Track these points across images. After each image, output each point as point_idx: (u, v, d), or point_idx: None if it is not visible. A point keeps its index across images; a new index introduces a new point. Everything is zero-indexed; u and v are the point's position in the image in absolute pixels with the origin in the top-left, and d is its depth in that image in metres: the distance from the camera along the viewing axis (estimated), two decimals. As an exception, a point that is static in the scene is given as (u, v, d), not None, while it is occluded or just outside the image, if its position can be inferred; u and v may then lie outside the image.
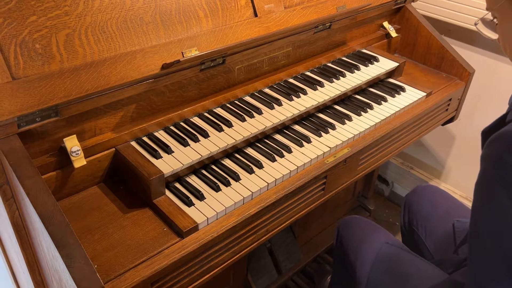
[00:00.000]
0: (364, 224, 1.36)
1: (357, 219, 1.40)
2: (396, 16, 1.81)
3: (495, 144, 0.71)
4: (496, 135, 0.71)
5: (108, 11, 1.03)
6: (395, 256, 1.20)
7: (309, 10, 1.40)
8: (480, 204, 0.76)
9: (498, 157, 0.70)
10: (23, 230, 1.02)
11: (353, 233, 1.33)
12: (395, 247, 1.23)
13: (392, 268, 1.17)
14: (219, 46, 1.19)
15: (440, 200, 1.42)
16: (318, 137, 1.27)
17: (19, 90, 0.89)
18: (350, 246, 1.30)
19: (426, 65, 1.79)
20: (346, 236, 1.34)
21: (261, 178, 1.10)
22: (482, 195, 0.75)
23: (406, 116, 1.43)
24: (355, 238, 1.31)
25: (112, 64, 1.01)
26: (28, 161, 0.88)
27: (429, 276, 1.12)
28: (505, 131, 0.70)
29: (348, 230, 1.36)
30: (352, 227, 1.36)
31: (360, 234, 1.31)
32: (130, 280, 0.86)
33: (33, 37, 0.93)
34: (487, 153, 0.73)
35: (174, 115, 1.19)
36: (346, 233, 1.35)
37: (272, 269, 1.66)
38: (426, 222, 1.38)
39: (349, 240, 1.32)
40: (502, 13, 0.79)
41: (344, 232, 1.36)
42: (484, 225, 0.75)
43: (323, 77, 1.47)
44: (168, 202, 1.02)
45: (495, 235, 0.73)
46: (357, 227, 1.35)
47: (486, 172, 0.73)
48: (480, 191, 0.76)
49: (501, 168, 0.70)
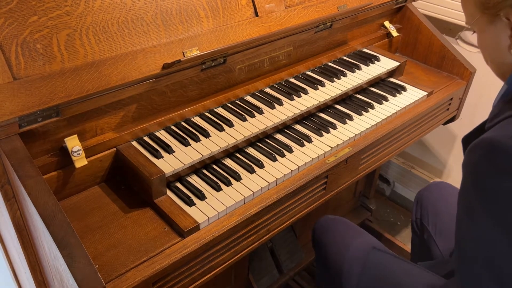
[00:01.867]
0: (342, 226, 1.28)
1: (333, 221, 1.32)
2: (397, 15, 1.81)
3: (473, 152, 0.71)
4: (474, 144, 0.71)
5: (109, 11, 1.03)
6: (384, 263, 1.14)
7: (310, 10, 1.40)
8: (461, 211, 0.76)
9: (474, 166, 0.70)
10: (25, 230, 1.02)
11: (331, 239, 1.25)
12: (382, 252, 1.17)
13: (382, 277, 1.11)
14: (220, 45, 1.19)
15: (453, 197, 1.40)
16: (319, 137, 1.27)
17: (20, 90, 0.89)
18: (330, 253, 1.22)
19: (427, 64, 1.79)
20: (324, 242, 1.26)
21: (262, 178, 1.10)
22: (463, 203, 0.75)
23: (407, 115, 1.43)
24: (334, 246, 1.22)
25: (113, 64, 1.01)
26: (29, 161, 0.88)
27: (424, 282, 1.07)
28: (482, 139, 0.70)
29: (326, 235, 1.28)
30: (329, 231, 1.28)
31: (340, 239, 1.23)
32: (131, 279, 0.86)
33: (34, 37, 0.93)
34: (465, 161, 0.73)
35: (175, 115, 1.19)
36: (324, 239, 1.27)
37: (273, 269, 1.65)
38: (437, 219, 1.35)
39: (328, 247, 1.24)
40: (479, 27, 0.81)
41: (321, 237, 1.28)
42: (465, 233, 0.75)
43: (324, 77, 1.47)
44: (169, 202, 1.02)
45: (476, 243, 0.73)
46: (335, 231, 1.27)
47: (465, 181, 0.74)
48: (461, 199, 0.76)
49: (477, 176, 0.70)
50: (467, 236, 0.75)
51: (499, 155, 0.66)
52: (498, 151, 0.67)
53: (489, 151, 0.68)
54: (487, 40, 0.82)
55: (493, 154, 0.67)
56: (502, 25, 0.76)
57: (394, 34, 1.76)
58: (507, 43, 0.77)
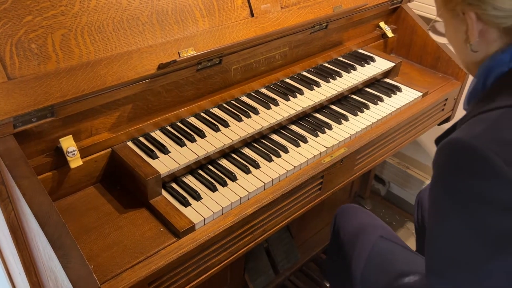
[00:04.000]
0: (361, 214, 1.33)
1: (355, 208, 1.37)
2: (393, 16, 1.82)
3: (440, 152, 0.72)
4: (441, 144, 0.72)
5: (104, 11, 1.03)
6: (388, 252, 1.16)
7: (305, 10, 1.40)
8: (430, 206, 0.77)
9: (441, 165, 0.72)
10: (19, 231, 1.01)
11: (349, 224, 1.30)
12: (389, 241, 1.19)
13: (384, 265, 1.14)
14: (215, 46, 1.19)
15: None
16: (314, 137, 1.27)
17: (15, 90, 0.89)
18: (346, 237, 1.27)
19: (422, 65, 1.79)
20: (343, 226, 1.31)
21: (257, 178, 1.10)
22: (432, 202, 0.77)
23: (403, 116, 1.44)
24: (351, 230, 1.27)
25: (108, 64, 1.01)
26: (24, 162, 0.88)
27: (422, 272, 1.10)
28: (449, 139, 0.71)
29: (345, 219, 1.33)
30: (349, 217, 1.33)
31: (356, 225, 1.28)
32: (126, 280, 0.85)
33: (29, 37, 0.92)
34: (434, 160, 0.74)
35: (171, 115, 1.19)
36: (343, 223, 1.32)
37: (269, 269, 1.66)
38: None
39: (345, 231, 1.29)
40: (444, 20, 0.84)
41: (341, 221, 1.33)
42: (435, 230, 0.77)
43: (320, 77, 1.47)
44: (165, 202, 1.02)
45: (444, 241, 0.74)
46: (354, 217, 1.32)
47: (433, 179, 0.75)
48: (430, 198, 0.77)
49: (444, 176, 0.71)
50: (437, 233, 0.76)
51: (462, 155, 0.67)
52: (462, 151, 0.67)
53: (454, 151, 0.69)
54: (450, 33, 0.85)
55: (457, 154, 0.68)
56: (459, 20, 0.78)
57: (389, 35, 1.76)
58: (464, 37, 0.79)
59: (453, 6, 0.77)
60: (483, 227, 0.68)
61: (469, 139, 0.67)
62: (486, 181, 0.66)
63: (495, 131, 0.67)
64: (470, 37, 0.78)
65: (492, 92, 0.76)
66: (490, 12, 0.72)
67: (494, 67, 0.77)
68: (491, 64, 0.77)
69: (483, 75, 0.79)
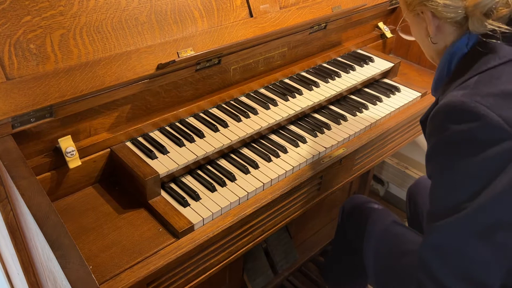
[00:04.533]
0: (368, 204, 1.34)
1: (362, 200, 1.38)
2: (391, 16, 1.82)
3: (435, 118, 0.84)
4: (433, 113, 0.85)
5: (103, 11, 1.03)
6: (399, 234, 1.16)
7: (304, 11, 1.40)
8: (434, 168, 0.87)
9: (440, 127, 0.83)
10: (18, 231, 1.01)
11: (357, 216, 1.32)
12: (400, 225, 1.19)
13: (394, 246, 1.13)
14: (214, 46, 1.19)
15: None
16: (313, 137, 1.27)
17: (13, 90, 0.88)
18: (354, 231, 1.29)
19: (421, 65, 1.80)
20: (352, 220, 1.34)
21: (256, 179, 1.10)
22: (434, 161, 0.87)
23: (401, 116, 1.44)
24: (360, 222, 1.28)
25: (107, 64, 1.01)
26: (22, 162, 0.88)
27: None
28: (438, 107, 0.83)
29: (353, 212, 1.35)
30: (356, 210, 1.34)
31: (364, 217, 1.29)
32: (125, 280, 0.85)
33: (27, 37, 0.92)
34: (430, 128, 0.86)
35: (170, 116, 1.19)
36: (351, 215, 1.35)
37: (268, 269, 1.66)
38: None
39: (353, 223, 1.31)
40: (409, 20, 0.98)
41: (350, 215, 1.35)
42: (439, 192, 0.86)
43: (319, 78, 1.47)
44: (164, 203, 1.02)
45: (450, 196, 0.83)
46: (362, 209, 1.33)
47: (433, 145, 0.86)
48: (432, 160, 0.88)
49: (444, 133, 0.82)
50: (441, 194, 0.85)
51: (456, 109, 0.80)
52: (454, 108, 0.80)
53: (448, 111, 0.81)
54: (414, 31, 1.00)
55: (452, 111, 0.80)
56: (420, 18, 0.94)
57: (388, 35, 1.76)
58: (425, 32, 0.94)
59: (413, 7, 0.92)
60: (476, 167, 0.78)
61: (456, 98, 0.80)
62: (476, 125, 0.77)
63: (475, 90, 0.80)
64: (430, 32, 0.93)
65: (458, 72, 0.89)
66: (441, 9, 0.87)
67: (455, 52, 0.91)
68: (452, 50, 0.91)
69: (447, 61, 0.93)
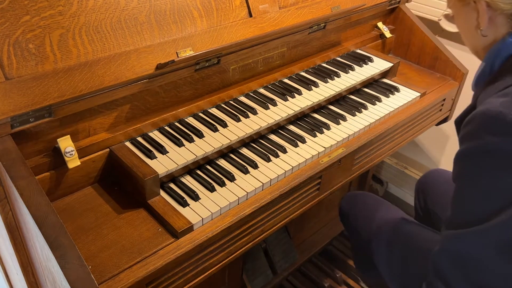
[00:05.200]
0: (367, 200, 1.36)
1: (358, 195, 1.40)
2: (390, 16, 1.82)
3: (470, 124, 0.81)
4: (469, 118, 0.82)
5: (102, 11, 1.03)
6: (410, 232, 1.18)
7: (303, 11, 1.40)
8: (461, 173, 0.85)
9: (473, 133, 0.81)
10: (17, 231, 1.01)
11: (358, 213, 1.33)
12: (409, 222, 1.21)
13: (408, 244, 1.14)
14: (214, 46, 1.19)
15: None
16: (313, 137, 1.27)
17: (12, 90, 0.88)
18: (360, 227, 1.29)
19: (420, 65, 1.80)
20: (352, 216, 1.34)
21: (256, 178, 1.10)
22: (463, 166, 0.85)
23: (401, 116, 1.44)
24: (362, 219, 1.30)
25: (106, 64, 1.01)
26: (21, 162, 0.88)
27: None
28: (475, 112, 0.81)
29: (353, 210, 1.35)
30: (355, 206, 1.36)
31: (366, 213, 1.30)
32: (124, 280, 0.85)
33: (26, 37, 0.92)
34: (463, 133, 0.83)
35: (169, 116, 1.19)
36: (351, 213, 1.35)
37: (267, 269, 1.65)
38: (443, 198, 1.37)
39: (356, 221, 1.32)
40: (455, 10, 0.94)
41: (349, 212, 1.36)
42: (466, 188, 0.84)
43: (318, 78, 1.47)
44: (163, 203, 1.01)
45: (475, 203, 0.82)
46: (360, 204, 1.35)
47: (467, 150, 0.83)
48: (461, 163, 0.85)
49: (478, 141, 0.79)
50: (465, 202, 0.83)
51: (493, 120, 0.77)
52: (492, 118, 0.77)
53: (484, 120, 0.79)
54: (461, 22, 0.95)
55: (488, 121, 0.78)
56: (470, 8, 0.88)
57: (387, 35, 1.76)
58: (475, 23, 0.89)
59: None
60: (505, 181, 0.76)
61: (495, 108, 0.77)
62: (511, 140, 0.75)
63: None
64: (481, 23, 0.87)
65: (502, 73, 0.86)
66: (497, 0, 0.83)
67: (502, 50, 0.87)
68: (499, 46, 0.87)
69: (491, 58, 0.89)
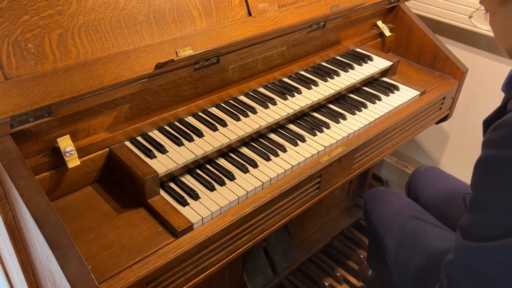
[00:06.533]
0: (389, 196, 1.39)
1: (382, 191, 1.43)
2: (390, 15, 1.82)
3: (498, 130, 0.77)
4: (499, 122, 0.77)
5: (102, 11, 1.03)
6: (419, 232, 1.20)
7: (303, 10, 1.40)
8: (481, 181, 0.81)
9: (499, 140, 0.76)
10: (17, 231, 1.01)
11: (378, 207, 1.37)
12: (419, 220, 1.23)
13: (416, 247, 1.17)
14: (213, 45, 1.19)
15: (442, 177, 1.45)
16: (312, 136, 1.27)
17: (12, 90, 0.88)
18: (378, 221, 1.33)
19: (419, 64, 1.80)
20: (373, 210, 1.39)
21: (256, 178, 1.10)
22: (484, 174, 0.81)
23: (400, 114, 1.44)
24: (382, 213, 1.33)
25: (105, 63, 1.01)
26: (21, 162, 0.88)
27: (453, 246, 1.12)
28: (505, 119, 0.76)
29: (374, 203, 1.39)
30: (377, 200, 1.39)
31: (386, 208, 1.34)
32: (125, 280, 0.85)
33: (25, 36, 0.92)
34: (489, 138, 0.79)
35: (169, 115, 1.19)
36: (373, 207, 1.39)
37: (267, 268, 1.66)
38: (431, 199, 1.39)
39: (376, 215, 1.36)
40: (491, 7, 0.86)
41: (371, 206, 1.40)
42: (485, 198, 0.80)
43: (318, 76, 1.47)
44: (163, 202, 1.01)
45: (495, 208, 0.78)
46: (382, 200, 1.38)
47: (492, 157, 0.78)
48: (482, 171, 0.81)
49: (503, 149, 0.75)
50: (485, 214, 0.80)
51: None
52: None
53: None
54: (498, 21, 0.86)
55: None
56: (510, 7, 0.80)
57: (387, 34, 1.76)
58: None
59: None
60: None
61: None
62: None
63: None
64: None
65: None
66: None
67: None
68: None
69: None
